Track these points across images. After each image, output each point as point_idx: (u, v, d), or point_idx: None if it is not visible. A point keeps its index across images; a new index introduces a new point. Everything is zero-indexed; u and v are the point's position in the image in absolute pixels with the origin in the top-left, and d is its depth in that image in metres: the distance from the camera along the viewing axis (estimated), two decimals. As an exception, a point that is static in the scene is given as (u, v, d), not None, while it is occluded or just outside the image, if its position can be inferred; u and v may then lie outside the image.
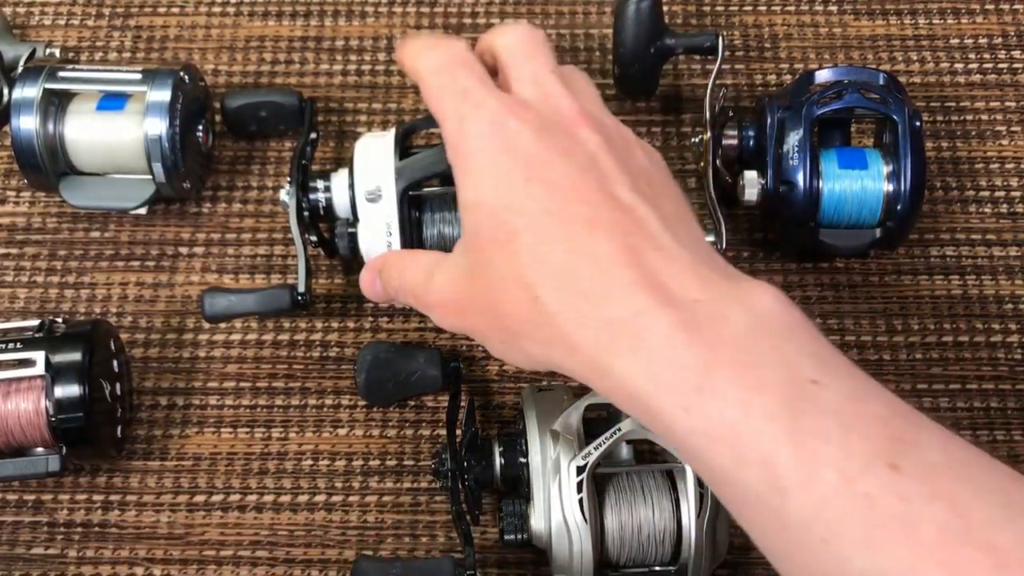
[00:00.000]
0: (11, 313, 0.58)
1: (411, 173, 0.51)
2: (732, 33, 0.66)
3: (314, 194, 0.54)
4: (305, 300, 0.54)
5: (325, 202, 0.54)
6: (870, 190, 0.55)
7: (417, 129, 0.54)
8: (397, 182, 0.50)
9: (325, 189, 0.54)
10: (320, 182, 0.54)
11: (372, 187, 0.51)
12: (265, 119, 0.58)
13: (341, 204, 0.54)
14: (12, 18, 0.67)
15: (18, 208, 0.62)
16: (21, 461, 0.51)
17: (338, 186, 0.54)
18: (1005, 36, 0.66)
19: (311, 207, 0.54)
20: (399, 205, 0.50)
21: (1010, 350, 0.57)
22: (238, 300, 0.55)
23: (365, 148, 0.52)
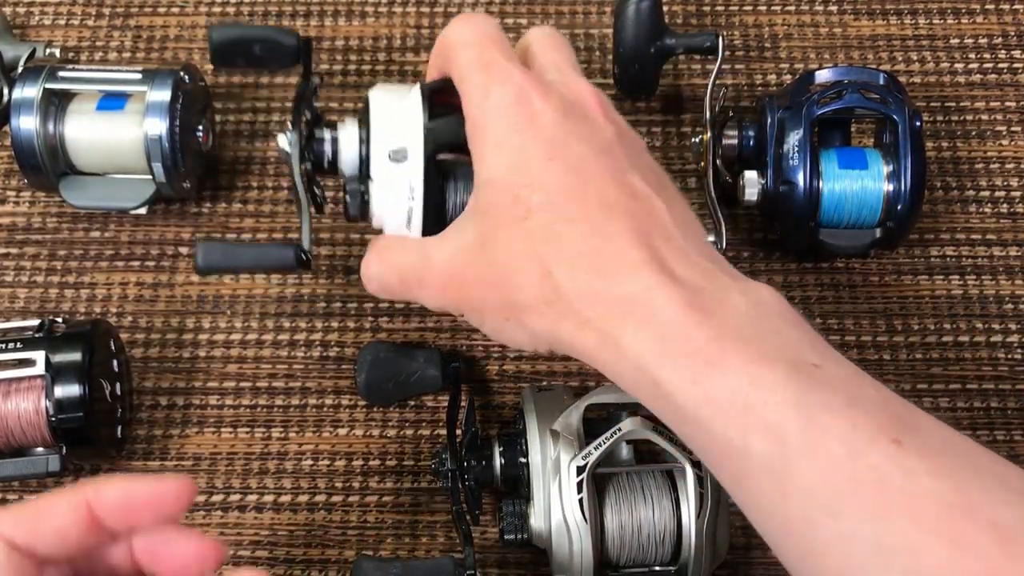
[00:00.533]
0: (11, 313, 0.58)
1: (441, 135, 0.46)
2: (732, 33, 0.66)
3: (319, 144, 0.47)
4: (309, 259, 0.48)
5: (331, 155, 0.47)
6: (870, 190, 0.55)
7: (443, 90, 0.48)
8: (426, 143, 0.45)
9: (332, 140, 0.47)
10: (327, 131, 0.47)
11: (397, 145, 0.45)
12: (256, 56, 0.50)
13: (349, 159, 0.47)
14: (12, 18, 0.67)
15: (18, 208, 0.62)
16: (21, 461, 0.51)
17: (348, 138, 0.47)
18: (1005, 36, 0.66)
19: (316, 158, 0.47)
20: (426, 168, 0.45)
21: (1010, 350, 0.57)
22: (236, 252, 0.49)
23: (386, 102, 0.47)
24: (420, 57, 0.66)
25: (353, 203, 0.47)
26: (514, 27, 0.67)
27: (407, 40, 0.66)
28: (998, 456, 0.34)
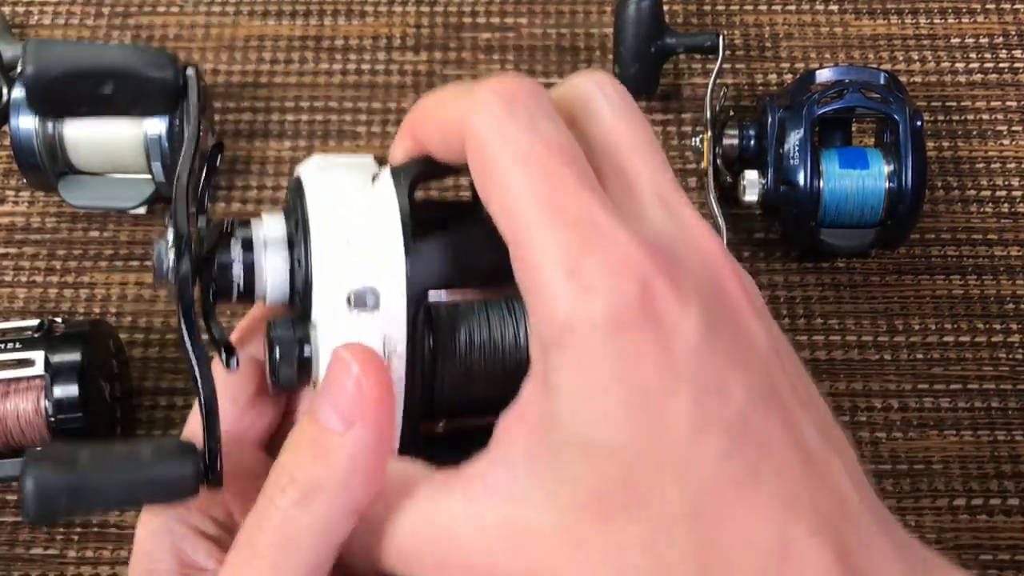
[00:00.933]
0: (10, 313, 0.58)
1: (435, 266, 0.30)
2: (732, 33, 0.66)
3: (224, 261, 0.31)
4: (218, 470, 0.30)
5: (243, 279, 0.31)
6: (871, 190, 0.55)
7: (425, 174, 0.31)
8: (412, 281, 0.29)
9: (245, 251, 0.31)
10: (235, 237, 0.31)
11: (359, 285, 0.29)
12: (107, 98, 0.31)
13: (273, 281, 0.31)
14: (11, 17, 0.67)
15: (17, 208, 0.61)
16: (20, 462, 0.50)
17: (271, 246, 0.31)
18: (1006, 35, 0.66)
19: (218, 285, 0.31)
20: (410, 320, 0.29)
21: (1011, 350, 0.57)
22: (89, 490, 0.29)
23: (334, 199, 0.30)
24: (420, 56, 0.66)
25: (284, 362, 0.30)
26: (514, 26, 0.67)
27: (407, 39, 0.66)
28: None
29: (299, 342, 0.30)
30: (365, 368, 0.28)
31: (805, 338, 0.57)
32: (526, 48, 0.66)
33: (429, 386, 0.31)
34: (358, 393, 0.28)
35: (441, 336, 0.31)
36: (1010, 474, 0.54)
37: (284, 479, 0.29)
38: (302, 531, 0.28)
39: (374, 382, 0.28)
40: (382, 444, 0.28)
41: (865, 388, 0.56)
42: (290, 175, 0.62)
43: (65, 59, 0.31)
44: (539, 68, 0.65)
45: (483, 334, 0.31)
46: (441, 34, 0.66)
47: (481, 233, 0.29)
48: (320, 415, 0.28)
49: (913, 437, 0.55)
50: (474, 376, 0.31)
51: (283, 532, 0.28)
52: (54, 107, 0.33)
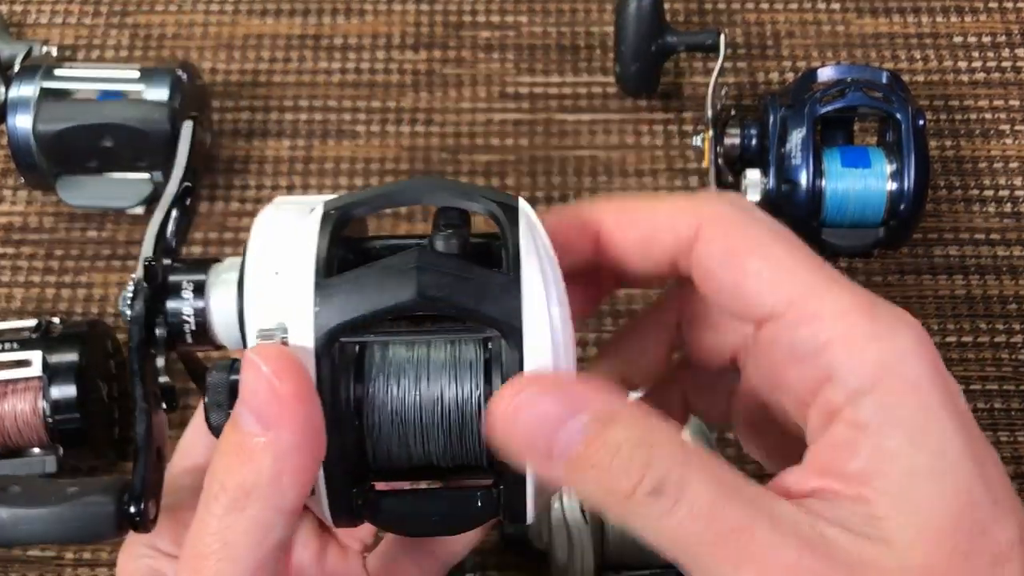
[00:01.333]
0: (8, 313, 0.58)
1: (347, 304, 0.28)
2: (734, 31, 0.66)
3: (176, 302, 0.32)
4: (141, 513, 0.30)
5: (195, 319, 0.32)
6: (873, 189, 0.55)
7: (355, 211, 0.31)
8: (319, 317, 0.28)
9: (196, 293, 0.32)
10: (188, 278, 0.32)
11: (271, 323, 0.28)
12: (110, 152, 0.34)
13: (224, 323, 0.32)
14: (8, 16, 0.66)
15: (15, 207, 0.61)
16: (18, 462, 0.50)
17: (220, 290, 0.32)
18: (1009, 34, 0.66)
19: (171, 327, 0.32)
20: (318, 362, 0.28)
21: (1014, 350, 0.57)
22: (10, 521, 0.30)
23: (269, 233, 0.31)
24: (419, 55, 0.65)
25: (213, 406, 0.30)
26: (514, 25, 0.66)
27: (407, 38, 0.66)
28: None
29: (230, 386, 0.30)
30: (276, 368, 0.28)
31: (807, 338, 0.57)
32: (526, 47, 0.66)
33: (357, 441, 0.30)
34: (271, 394, 0.28)
35: (368, 383, 0.30)
36: (1012, 475, 0.53)
37: (215, 487, 0.29)
38: (238, 535, 0.28)
39: (288, 380, 0.28)
40: (307, 441, 0.28)
41: (867, 389, 0.56)
42: (290, 174, 0.62)
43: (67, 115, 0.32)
44: (539, 67, 0.65)
45: (421, 384, 0.30)
46: (441, 33, 0.66)
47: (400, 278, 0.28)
48: (240, 420, 0.28)
49: (915, 438, 0.55)
50: (409, 430, 0.30)
51: (221, 538, 0.28)
52: (63, 161, 0.33)
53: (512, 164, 0.62)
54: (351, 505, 0.30)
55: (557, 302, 0.29)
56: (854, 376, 0.28)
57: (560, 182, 0.61)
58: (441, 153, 0.62)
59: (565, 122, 0.63)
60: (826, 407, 0.29)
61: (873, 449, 0.27)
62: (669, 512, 0.27)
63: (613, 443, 0.27)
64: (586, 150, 0.62)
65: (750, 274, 0.30)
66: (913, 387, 0.28)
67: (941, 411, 0.28)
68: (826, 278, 0.29)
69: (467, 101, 0.64)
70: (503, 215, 0.30)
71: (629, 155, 0.62)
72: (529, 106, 0.64)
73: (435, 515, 0.31)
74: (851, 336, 0.28)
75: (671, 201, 0.32)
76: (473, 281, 0.28)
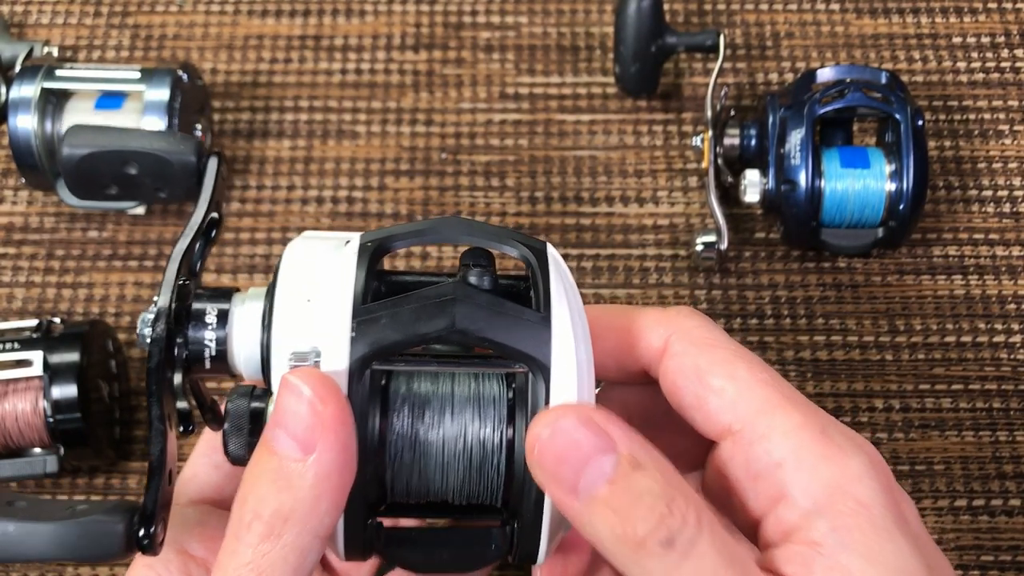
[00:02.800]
0: (9, 313, 0.58)
1: (383, 331, 0.29)
2: (733, 31, 0.66)
3: (198, 330, 0.32)
4: (150, 537, 0.30)
5: (216, 347, 0.32)
6: (872, 189, 0.55)
7: (393, 244, 0.32)
8: (355, 343, 0.29)
9: (220, 321, 0.32)
10: (212, 306, 0.32)
11: (305, 346, 0.29)
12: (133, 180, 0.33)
13: (245, 355, 0.32)
14: (10, 16, 0.66)
15: (16, 207, 0.61)
16: (19, 462, 0.51)
17: (245, 320, 0.32)
18: (1008, 35, 0.66)
19: (190, 353, 0.32)
20: (351, 385, 0.29)
21: (1013, 350, 0.57)
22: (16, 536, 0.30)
23: (300, 264, 0.32)
24: (419, 56, 0.65)
25: (233, 433, 0.30)
26: (514, 26, 0.66)
27: (407, 39, 0.66)
28: None
29: (251, 413, 0.30)
30: (318, 391, 0.28)
31: (806, 338, 0.57)
32: (526, 47, 0.66)
33: (378, 471, 0.30)
34: (314, 416, 0.28)
35: (392, 413, 0.30)
36: (1011, 475, 0.54)
37: (248, 515, 0.29)
38: (275, 564, 0.28)
39: (330, 404, 0.28)
40: (346, 465, 0.28)
41: (866, 388, 0.56)
42: (290, 175, 0.62)
43: (92, 141, 0.33)
44: (539, 67, 0.65)
45: (446, 417, 0.31)
46: (441, 33, 0.66)
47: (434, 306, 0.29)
48: (277, 445, 0.28)
49: (914, 438, 0.55)
50: (431, 464, 0.31)
51: (256, 568, 0.28)
52: (87, 186, 0.34)
53: (512, 164, 0.62)
54: (365, 538, 0.30)
55: (584, 343, 0.30)
56: (806, 496, 0.29)
57: (560, 182, 0.61)
58: (441, 153, 0.62)
59: (565, 122, 0.63)
60: (780, 525, 0.30)
61: (828, 567, 0.28)
62: (675, 566, 0.27)
63: (636, 489, 0.28)
64: (586, 150, 0.63)
65: (713, 390, 0.31)
66: (866, 508, 0.29)
67: (895, 531, 0.29)
68: (783, 397, 0.31)
69: (467, 101, 0.64)
70: (534, 258, 0.31)
71: (629, 155, 0.62)
72: (529, 106, 0.64)
73: (448, 552, 0.31)
74: (803, 456, 0.30)
75: (646, 314, 0.33)
76: (506, 316, 0.29)
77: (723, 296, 0.58)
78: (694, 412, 0.32)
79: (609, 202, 0.61)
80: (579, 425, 0.28)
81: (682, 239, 0.60)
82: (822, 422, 0.31)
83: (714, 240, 0.57)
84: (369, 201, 0.61)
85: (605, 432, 0.28)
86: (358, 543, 0.30)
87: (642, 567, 0.28)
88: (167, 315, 0.31)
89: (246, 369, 0.32)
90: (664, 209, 0.61)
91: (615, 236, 0.60)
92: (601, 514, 0.28)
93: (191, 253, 0.33)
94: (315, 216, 0.61)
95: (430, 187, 0.61)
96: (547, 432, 0.28)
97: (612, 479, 0.28)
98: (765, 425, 0.31)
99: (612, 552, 0.28)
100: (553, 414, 0.29)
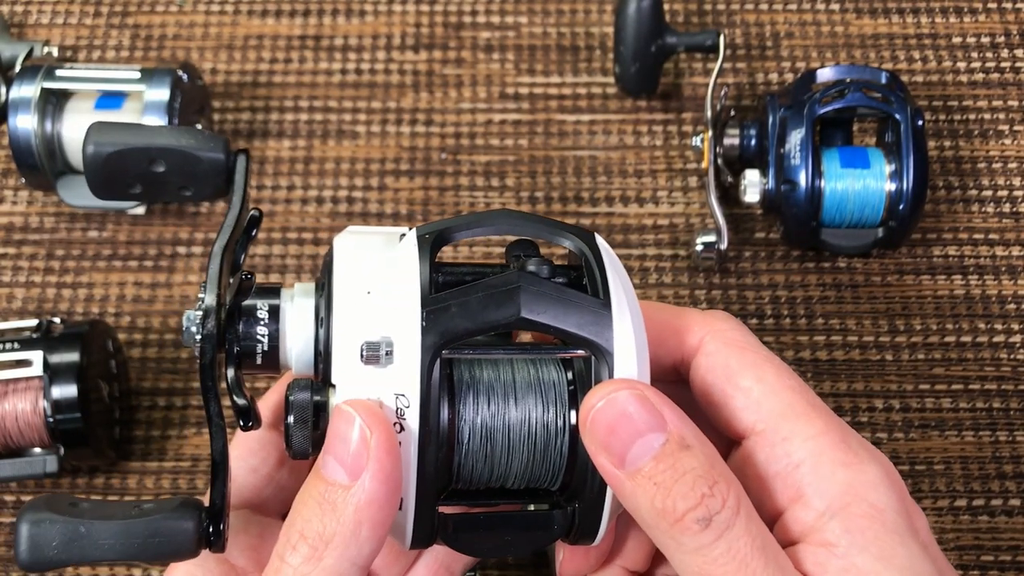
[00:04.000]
0: (9, 313, 0.58)
1: (453, 319, 0.30)
2: (733, 31, 0.66)
3: (249, 326, 0.32)
4: (220, 533, 0.31)
5: (268, 343, 0.32)
6: (872, 189, 0.55)
7: (452, 236, 0.33)
8: (426, 332, 0.29)
9: (271, 317, 0.32)
10: (263, 303, 0.32)
11: (375, 337, 0.29)
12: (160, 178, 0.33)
13: (298, 351, 0.32)
14: (10, 16, 0.66)
15: (16, 207, 0.61)
16: (19, 462, 0.51)
17: (297, 315, 0.32)
18: (1008, 35, 0.66)
19: (242, 349, 0.32)
20: (424, 373, 0.29)
21: (1012, 350, 0.57)
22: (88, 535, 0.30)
23: (353, 258, 0.32)
24: (419, 56, 0.65)
25: (298, 426, 0.31)
26: (514, 26, 0.66)
27: (406, 39, 0.66)
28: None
29: (315, 406, 0.31)
30: (368, 420, 0.29)
31: (806, 338, 0.57)
32: (526, 47, 0.66)
33: (447, 457, 0.31)
34: (362, 444, 0.29)
35: (459, 400, 0.31)
36: (1011, 475, 0.54)
37: (294, 537, 0.30)
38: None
39: (378, 432, 0.29)
40: (389, 495, 0.29)
41: (866, 388, 0.56)
42: (290, 175, 0.62)
43: (119, 139, 0.33)
44: (539, 67, 0.65)
45: (510, 402, 0.32)
46: (441, 33, 0.66)
47: (503, 294, 0.30)
48: (325, 470, 0.30)
49: (914, 438, 0.55)
50: (497, 449, 0.32)
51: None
52: (111, 185, 0.34)
53: (512, 164, 0.62)
54: (433, 527, 0.31)
55: (640, 329, 0.31)
56: (822, 498, 0.30)
57: (560, 182, 0.61)
58: (441, 153, 0.62)
59: (565, 122, 0.63)
60: (795, 524, 0.31)
61: (841, 568, 0.29)
62: (709, 546, 0.29)
63: (681, 468, 0.29)
64: (586, 150, 0.63)
65: (741, 390, 0.33)
66: (880, 512, 0.30)
67: (907, 536, 0.30)
68: (807, 404, 0.32)
69: (467, 101, 0.64)
70: (588, 250, 0.32)
71: (629, 155, 0.62)
72: (529, 106, 0.64)
73: (512, 535, 0.32)
74: (821, 460, 0.31)
75: (684, 314, 0.35)
76: (569, 303, 0.30)
77: (723, 296, 0.58)
78: (720, 410, 0.33)
79: (609, 202, 0.61)
80: (633, 399, 0.29)
81: (682, 239, 0.60)
82: (843, 431, 0.32)
83: (714, 240, 0.57)
84: (369, 201, 0.61)
85: (657, 410, 0.29)
86: (427, 530, 0.31)
87: (677, 541, 0.29)
88: (217, 312, 0.30)
89: (297, 364, 0.32)
90: (664, 209, 0.61)
91: (615, 236, 0.60)
92: (644, 487, 0.29)
93: (231, 250, 0.33)
94: (315, 216, 0.61)
95: (430, 187, 0.61)
96: (602, 403, 0.29)
97: (658, 455, 0.29)
98: (788, 428, 0.32)
99: (649, 524, 0.29)
100: (610, 387, 0.30)
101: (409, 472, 0.30)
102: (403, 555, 0.37)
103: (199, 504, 0.30)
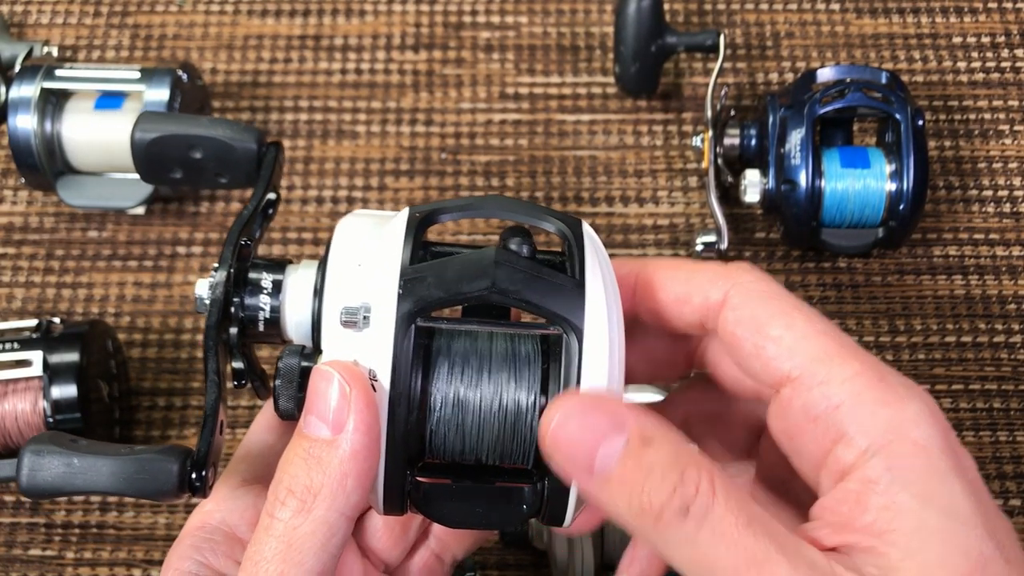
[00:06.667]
0: (9, 313, 0.58)
1: (428, 289, 0.31)
2: (733, 31, 0.66)
3: (253, 296, 0.34)
4: (203, 480, 0.32)
5: (270, 312, 0.35)
6: (872, 189, 0.55)
7: (440, 216, 0.34)
8: (401, 300, 0.30)
9: (274, 289, 0.34)
10: (268, 276, 0.35)
11: (355, 302, 0.31)
12: (198, 164, 0.36)
13: (296, 321, 0.35)
14: (10, 16, 0.66)
15: (15, 207, 0.61)
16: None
17: (297, 288, 0.35)
18: (1008, 35, 0.66)
19: (245, 316, 0.35)
20: (397, 337, 0.30)
21: (1013, 350, 0.57)
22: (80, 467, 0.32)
23: (351, 235, 0.34)
24: (419, 55, 0.65)
25: (283, 388, 0.32)
26: (514, 25, 0.66)
27: (406, 39, 0.66)
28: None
29: (302, 370, 0.32)
30: (347, 376, 0.30)
31: (806, 338, 0.57)
32: (526, 47, 0.66)
33: (419, 423, 0.32)
34: (343, 399, 0.30)
35: (434, 369, 0.32)
36: (1011, 475, 0.54)
37: (282, 494, 0.31)
38: (304, 538, 0.30)
39: (357, 388, 0.30)
40: (371, 446, 0.30)
41: (866, 388, 0.56)
42: (290, 175, 0.62)
43: (161, 126, 0.36)
44: (539, 67, 0.65)
45: (483, 374, 0.32)
46: (441, 33, 0.66)
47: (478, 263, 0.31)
48: (307, 428, 0.31)
49: (915, 438, 0.55)
50: (468, 419, 0.32)
51: (285, 541, 0.30)
52: (155, 169, 0.37)
53: (512, 164, 0.62)
54: (404, 491, 0.32)
55: (616, 308, 0.32)
56: (864, 436, 0.30)
57: (560, 182, 0.61)
58: (441, 153, 0.62)
59: (565, 122, 0.63)
60: (837, 465, 0.30)
61: (882, 505, 0.29)
62: (694, 535, 0.28)
63: (647, 463, 0.28)
64: (586, 150, 0.63)
65: (771, 339, 0.32)
66: (923, 450, 0.29)
67: (950, 474, 0.29)
68: (841, 345, 0.31)
69: (467, 101, 0.64)
70: (570, 232, 0.33)
71: (629, 155, 0.62)
72: (529, 106, 0.64)
73: (482, 508, 0.33)
74: (862, 400, 0.30)
75: (707, 268, 0.34)
76: (543, 280, 0.31)
77: (723, 296, 0.58)
78: (753, 361, 0.33)
79: (609, 202, 0.61)
80: (588, 408, 0.29)
81: (682, 239, 0.60)
82: (880, 370, 0.31)
83: (714, 240, 0.57)
84: (369, 201, 0.61)
85: (613, 412, 0.29)
86: (397, 495, 0.32)
87: (664, 539, 0.28)
88: (225, 279, 0.34)
89: (296, 333, 0.35)
90: (664, 209, 0.61)
91: (615, 236, 0.60)
92: (617, 491, 0.29)
93: (250, 228, 0.36)
94: (315, 216, 0.61)
95: (430, 187, 0.61)
96: (557, 418, 0.29)
97: (622, 456, 0.29)
98: (824, 372, 0.31)
99: (635, 528, 0.29)
100: (562, 401, 0.30)
101: (380, 432, 0.31)
102: (402, 540, 0.37)
103: (187, 451, 0.32)
